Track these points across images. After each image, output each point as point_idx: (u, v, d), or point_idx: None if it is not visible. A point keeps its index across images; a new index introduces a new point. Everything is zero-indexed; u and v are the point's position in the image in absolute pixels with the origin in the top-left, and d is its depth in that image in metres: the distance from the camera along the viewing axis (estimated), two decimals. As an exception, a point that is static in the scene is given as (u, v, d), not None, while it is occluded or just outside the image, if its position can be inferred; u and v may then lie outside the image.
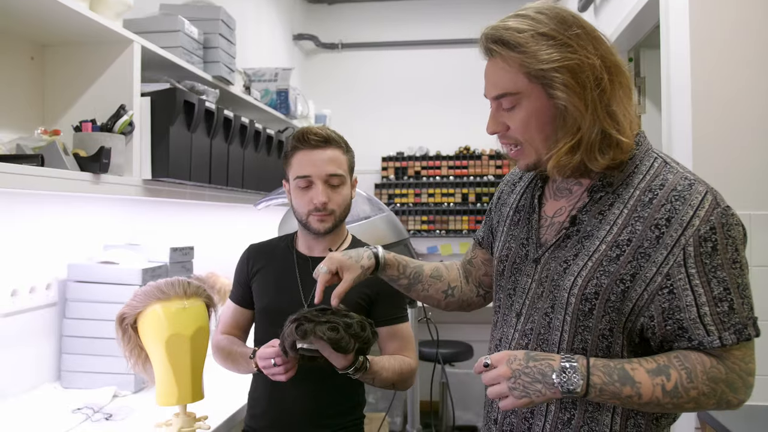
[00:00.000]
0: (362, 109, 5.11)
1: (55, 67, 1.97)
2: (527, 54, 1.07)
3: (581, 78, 1.05)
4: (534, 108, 1.10)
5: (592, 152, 1.08)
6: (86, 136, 1.80)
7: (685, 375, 1.04)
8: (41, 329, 1.98)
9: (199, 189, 2.41)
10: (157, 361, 1.50)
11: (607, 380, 1.04)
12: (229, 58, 2.62)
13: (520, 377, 1.05)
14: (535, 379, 1.05)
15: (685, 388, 1.04)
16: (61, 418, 1.71)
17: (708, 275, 1.04)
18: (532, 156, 1.15)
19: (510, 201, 1.34)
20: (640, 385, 1.04)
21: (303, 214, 1.65)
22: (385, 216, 2.22)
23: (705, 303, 1.04)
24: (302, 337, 1.33)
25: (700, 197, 1.06)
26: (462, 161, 5.02)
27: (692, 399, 1.04)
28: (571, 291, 1.11)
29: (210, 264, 2.62)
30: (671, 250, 1.05)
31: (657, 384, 1.04)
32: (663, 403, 1.05)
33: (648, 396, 1.04)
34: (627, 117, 1.10)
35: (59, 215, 2.05)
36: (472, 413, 4.49)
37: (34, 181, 1.54)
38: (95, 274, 2.01)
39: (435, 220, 5.01)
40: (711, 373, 1.05)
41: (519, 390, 1.05)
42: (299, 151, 1.65)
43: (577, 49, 1.06)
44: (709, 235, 1.04)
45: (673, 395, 1.04)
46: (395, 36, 5.18)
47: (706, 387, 1.04)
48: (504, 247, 1.29)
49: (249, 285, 1.75)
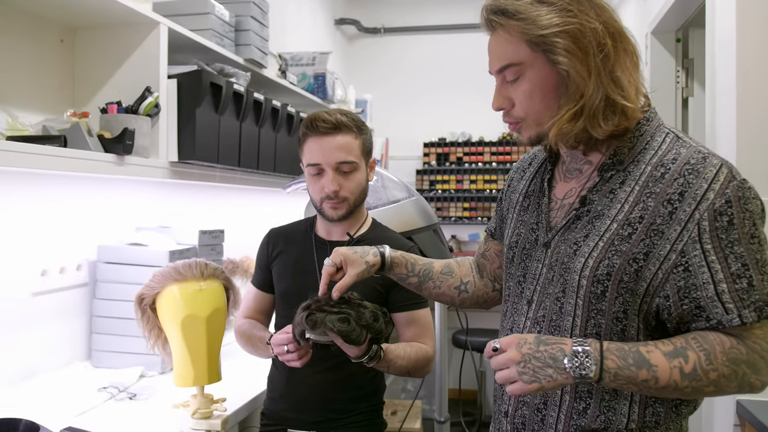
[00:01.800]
0: (404, 94, 5.05)
1: (84, 50, 1.98)
2: (527, 20, 1.05)
3: (583, 43, 1.03)
4: (537, 78, 1.07)
5: (595, 119, 1.05)
6: (111, 118, 1.81)
7: (704, 356, 0.99)
8: (72, 309, 2.02)
9: (229, 172, 2.41)
10: (174, 341, 1.50)
11: (621, 364, 0.99)
12: (262, 41, 2.61)
13: (530, 362, 1.00)
14: (545, 363, 1.00)
15: (704, 371, 0.99)
16: (87, 396, 1.73)
17: (725, 251, 0.99)
18: (533, 129, 1.12)
19: (519, 187, 1.31)
20: (657, 369, 0.99)
21: (317, 201, 1.64)
22: (414, 200, 2.17)
23: (722, 280, 0.99)
24: (312, 327, 1.30)
25: (714, 170, 1.01)
26: (505, 147, 4.92)
27: (712, 382, 0.99)
28: (582, 273, 1.07)
29: (241, 247, 2.62)
30: (685, 225, 1.00)
31: (674, 367, 0.99)
32: (681, 387, 0.99)
33: (665, 380, 0.99)
34: (632, 83, 1.07)
35: (90, 197, 2.08)
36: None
37: (57, 161, 1.55)
38: (124, 255, 2.03)
39: (477, 207, 4.93)
40: (731, 354, 0.99)
41: (529, 375, 1.00)
42: (309, 138, 1.62)
43: (577, 14, 1.04)
44: (724, 209, 0.99)
45: (691, 378, 0.99)
46: (438, 20, 5.09)
47: (727, 369, 0.99)
48: (513, 233, 1.25)
49: (269, 269, 1.74)
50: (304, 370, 1.49)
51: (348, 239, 1.66)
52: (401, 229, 2.09)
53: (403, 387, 4.10)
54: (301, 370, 1.47)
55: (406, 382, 4.08)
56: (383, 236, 1.71)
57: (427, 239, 2.16)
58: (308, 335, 1.32)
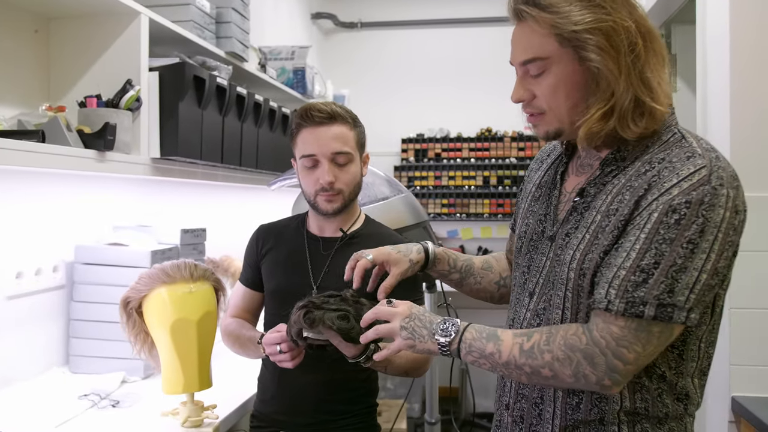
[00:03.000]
0: (381, 89, 4.99)
1: (60, 41, 1.89)
2: (560, 14, 1.02)
3: (615, 41, 1.00)
4: (563, 74, 1.05)
5: (624, 119, 1.03)
6: (91, 112, 1.73)
7: (545, 337, 1.03)
8: (48, 312, 1.93)
9: (211, 169, 2.33)
10: (163, 347, 1.43)
11: (476, 336, 1.07)
12: (243, 33, 2.53)
13: (414, 319, 1.11)
14: (424, 325, 1.10)
15: (540, 350, 1.02)
16: (67, 405, 1.65)
17: (651, 244, 0.96)
18: (554, 124, 1.10)
19: (534, 178, 1.30)
20: (502, 343, 1.05)
21: (311, 195, 1.58)
22: (403, 197, 2.12)
23: (626, 268, 0.98)
24: (310, 326, 1.25)
25: (692, 169, 0.98)
26: (483, 143, 4.89)
27: (547, 363, 1.02)
28: (570, 265, 1.07)
29: (223, 246, 2.55)
30: (640, 212, 0.99)
31: (516, 343, 1.05)
32: (520, 364, 1.04)
33: (506, 354, 1.04)
34: (661, 85, 1.04)
35: (66, 195, 1.99)
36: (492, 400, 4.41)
37: (35, 157, 1.47)
38: (103, 256, 1.95)
39: (455, 203, 4.90)
40: (570, 340, 1.01)
41: (408, 331, 1.11)
42: (303, 129, 1.57)
43: (610, 12, 1.01)
44: (679, 208, 0.96)
45: (528, 355, 1.03)
46: (415, 15, 5.04)
47: (561, 352, 1.01)
48: (523, 223, 1.25)
49: (259, 266, 1.68)
50: (296, 371, 1.43)
51: (341, 235, 1.61)
52: (391, 226, 2.04)
53: (382, 385, 4.06)
54: (293, 370, 1.42)
55: (385, 380, 4.04)
56: (377, 232, 1.67)
57: (418, 237, 2.10)
58: (306, 334, 1.27)
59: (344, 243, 1.62)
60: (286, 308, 1.59)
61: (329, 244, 1.63)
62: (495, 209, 4.84)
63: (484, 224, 4.93)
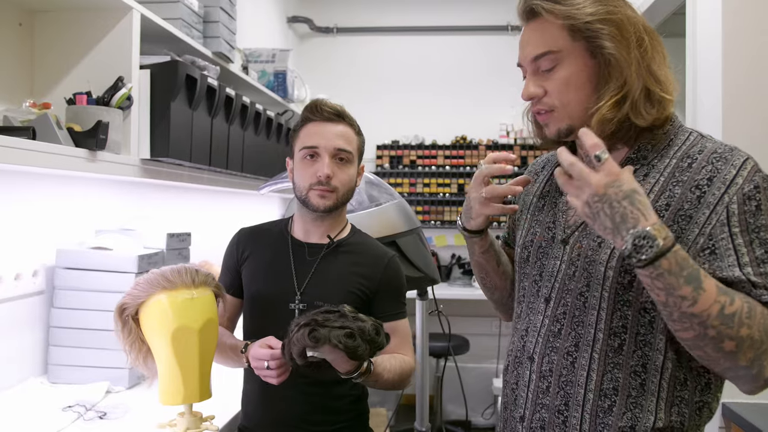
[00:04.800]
0: (357, 95, 4.95)
1: (45, 35, 1.81)
2: (574, 6, 1.06)
3: (625, 34, 1.05)
4: (576, 67, 1.08)
5: (637, 108, 1.06)
6: (81, 110, 1.65)
7: (747, 309, 0.95)
8: (27, 319, 1.83)
9: (197, 172, 2.26)
10: (162, 356, 1.36)
11: (675, 270, 0.93)
12: (230, 34, 2.48)
13: (604, 203, 0.94)
14: (613, 217, 0.94)
15: (740, 321, 0.94)
16: (51, 417, 1.56)
17: (751, 235, 0.99)
18: (565, 121, 1.11)
19: (533, 189, 1.30)
20: (703, 293, 0.93)
21: (304, 189, 1.53)
22: (396, 203, 2.10)
23: (747, 263, 0.98)
24: (315, 344, 1.20)
25: (742, 159, 1.03)
26: (459, 151, 4.90)
27: (739, 337, 0.94)
28: (609, 264, 1.06)
29: (207, 251, 2.48)
30: (714, 208, 1.00)
31: (718, 302, 0.94)
32: (710, 324, 0.94)
33: (703, 307, 0.93)
34: (669, 79, 1.09)
35: (48, 196, 1.90)
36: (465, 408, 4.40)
37: (25, 156, 1.39)
38: (87, 260, 1.86)
39: (430, 210, 4.89)
40: (767, 321, 0.96)
41: (593, 210, 0.96)
42: (310, 123, 1.55)
43: (618, 7, 1.07)
44: (753, 194, 1.00)
45: (724, 321, 0.93)
46: (392, 21, 5.03)
47: (759, 333, 0.95)
48: (528, 233, 1.24)
49: (238, 271, 1.62)
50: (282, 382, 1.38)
51: (328, 242, 1.57)
52: (384, 233, 2.02)
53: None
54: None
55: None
56: (364, 242, 1.64)
57: (411, 243, 2.09)
58: (310, 353, 1.22)
59: (331, 250, 1.58)
60: (267, 316, 1.54)
61: (315, 250, 1.58)
62: (469, 217, 4.84)
63: (458, 232, 4.92)
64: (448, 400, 4.54)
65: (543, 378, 1.13)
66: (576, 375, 1.09)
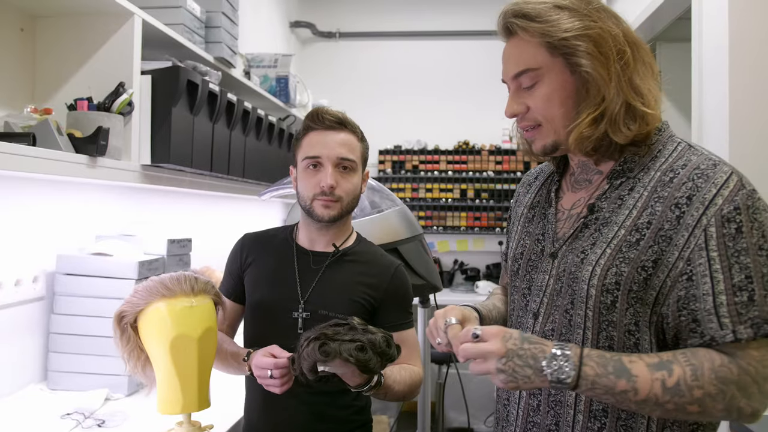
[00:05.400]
0: (359, 100, 4.95)
1: (47, 40, 1.80)
2: (549, 23, 1.04)
3: (604, 48, 1.03)
4: (556, 83, 1.06)
5: (616, 124, 1.03)
6: (82, 116, 1.64)
7: (690, 372, 0.93)
8: (26, 325, 1.82)
9: (198, 177, 2.26)
10: (160, 364, 1.35)
11: (600, 371, 0.94)
12: (232, 39, 2.47)
13: (512, 359, 0.95)
14: (526, 363, 0.95)
15: (688, 386, 0.93)
16: (49, 424, 1.56)
17: (730, 260, 0.95)
18: (551, 137, 1.10)
19: (525, 200, 1.29)
20: (637, 379, 0.93)
21: (307, 199, 1.52)
22: (398, 209, 2.08)
23: (722, 291, 0.94)
24: (326, 358, 1.18)
25: (725, 177, 0.98)
26: (461, 156, 4.89)
27: (696, 400, 0.93)
28: (591, 282, 1.03)
29: (208, 258, 2.46)
30: (692, 231, 0.97)
31: (656, 379, 0.93)
32: (662, 402, 0.93)
33: (645, 392, 0.93)
34: (651, 92, 1.05)
35: (49, 202, 1.89)
36: (467, 415, 4.38)
37: (25, 162, 1.38)
38: (87, 266, 1.86)
39: (432, 216, 4.88)
40: (720, 372, 0.93)
41: (508, 373, 0.95)
42: (312, 132, 1.53)
43: (597, 20, 1.04)
44: (732, 216, 0.96)
45: (674, 393, 0.93)
46: (394, 26, 5.03)
47: (714, 387, 0.93)
48: (518, 245, 1.22)
49: (241, 277, 1.61)
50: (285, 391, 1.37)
51: (333, 251, 1.56)
52: (386, 239, 2.00)
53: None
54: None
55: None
56: (369, 251, 1.62)
57: (413, 250, 2.07)
58: (321, 368, 1.20)
59: (336, 259, 1.56)
60: (269, 322, 1.53)
61: (320, 258, 1.57)
62: (472, 222, 4.83)
63: (460, 237, 4.92)
64: (450, 407, 4.51)
65: (533, 396, 1.11)
66: (565, 394, 1.07)
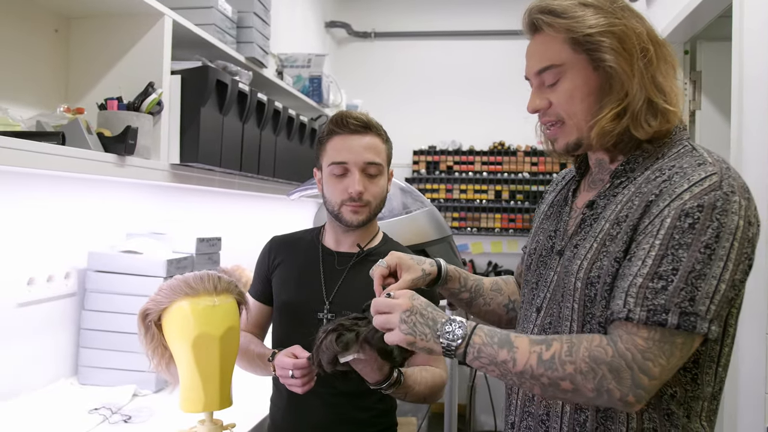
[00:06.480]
0: (394, 100, 4.94)
1: (80, 41, 1.84)
2: (575, 19, 1.05)
3: (628, 44, 1.04)
4: (579, 79, 1.07)
5: (637, 119, 1.05)
6: (111, 115, 1.67)
7: (566, 347, 0.97)
8: (59, 321, 1.86)
9: (228, 177, 2.27)
10: (183, 362, 1.36)
11: (486, 341, 1.00)
12: (264, 39, 2.48)
13: (415, 314, 1.04)
14: (426, 322, 1.03)
15: (561, 361, 0.96)
16: (77, 419, 1.58)
17: (668, 250, 0.95)
18: (573, 134, 1.10)
19: (549, 199, 1.32)
20: (517, 350, 0.98)
21: (335, 205, 1.52)
22: (427, 210, 2.06)
23: (643, 275, 0.95)
24: (344, 349, 1.17)
25: (703, 175, 0.98)
26: (496, 157, 4.84)
27: (568, 375, 0.95)
28: (578, 275, 1.05)
29: (237, 256, 2.48)
30: (652, 220, 0.98)
31: (534, 351, 0.97)
32: (537, 375, 0.97)
33: (522, 363, 0.97)
34: (673, 90, 1.07)
35: (80, 200, 1.92)
36: (497, 418, 4.32)
37: (54, 160, 1.40)
38: (117, 263, 1.88)
39: (466, 217, 4.83)
40: (595, 352, 0.95)
41: (408, 325, 1.03)
42: (336, 136, 1.52)
43: (621, 18, 1.06)
44: (693, 212, 0.95)
45: (548, 366, 0.96)
46: (430, 26, 5.00)
47: (585, 365, 0.94)
48: (533, 240, 1.26)
49: (269, 279, 1.62)
50: (308, 393, 1.37)
51: (358, 251, 1.55)
52: (415, 240, 1.99)
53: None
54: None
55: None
56: (395, 250, 1.60)
57: (441, 251, 2.05)
58: (342, 359, 1.19)
59: (360, 259, 1.56)
60: (296, 324, 1.53)
61: (345, 259, 1.57)
62: (506, 224, 4.77)
63: (494, 239, 4.86)
64: (482, 410, 4.47)
65: None
66: (522, 388, 1.10)
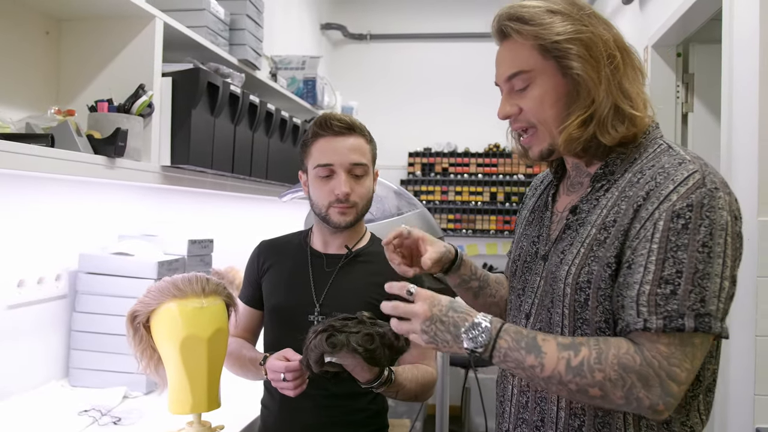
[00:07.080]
0: (390, 102, 4.95)
1: (71, 43, 1.84)
2: (542, 26, 1.07)
3: (594, 51, 1.05)
4: (548, 85, 1.08)
5: (604, 126, 1.06)
6: (102, 117, 1.67)
7: (595, 354, 0.96)
8: (49, 323, 1.86)
9: (220, 178, 2.28)
10: (171, 364, 1.36)
11: (513, 345, 0.99)
12: (256, 41, 2.49)
13: (435, 323, 1.02)
14: (447, 329, 1.01)
15: (590, 368, 0.95)
16: (67, 421, 1.58)
17: (667, 253, 0.95)
18: (546, 140, 1.11)
19: (529, 204, 1.32)
20: (545, 356, 0.98)
21: (322, 207, 1.53)
22: (419, 212, 2.07)
23: (649, 282, 0.96)
24: (332, 350, 1.18)
25: (686, 174, 0.99)
26: (491, 159, 4.85)
27: (597, 383, 0.95)
28: (566, 281, 1.06)
29: (229, 258, 2.48)
30: (644, 224, 0.98)
31: (563, 357, 0.97)
32: (566, 381, 0.97)
33: (550, 368, 0.97)
34: (640, 96, 1.09)
35: (72, 202, 1.93)
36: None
37: (43, 162, 1.41)
38: (108, 265, 1.88)
39: (462, 219, 4.85)
40: (623, 359, 0.95)
41: (430, 335, 1.02)
42: (321, 138, 1.53)
43: (588, 25, 1.07)
44: (683, 212, 0.96)
45: (576, 373, 0.96)
46: (425, 28, 5.02)
47: (614, 372, 0.95)
48: (517, 247, 1.26)
49: (259, 283, 1.63)
50: (299, 395, 1.37)
51: (346, 252, 1.56)
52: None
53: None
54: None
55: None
56: (382, 251, 1.60)
57: (432, 254, 2.05)
58: (328, 359, 1.20)
59: (349, 261, 1.57)
60: (286, 327, 1.53)
61: (333, 261, 1.57)
62: (501, 226, 4.78)
63: (489, 241, 4.87)
64: (477, 412, 4.47)
65: (522, 393, 1.14)
66: (549, 392, 1.08)
